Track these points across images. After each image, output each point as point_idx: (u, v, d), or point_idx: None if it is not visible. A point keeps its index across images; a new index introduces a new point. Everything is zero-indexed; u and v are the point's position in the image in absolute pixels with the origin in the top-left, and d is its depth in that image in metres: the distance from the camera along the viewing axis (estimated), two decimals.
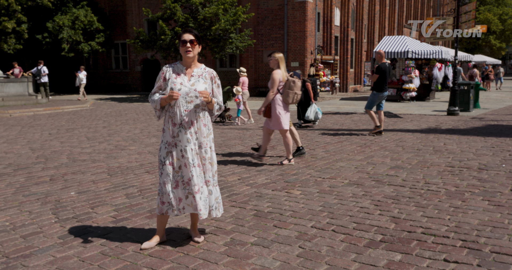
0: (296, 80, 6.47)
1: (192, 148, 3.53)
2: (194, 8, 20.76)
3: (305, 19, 22.43)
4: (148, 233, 3.92)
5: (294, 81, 6.45)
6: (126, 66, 29.06)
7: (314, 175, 6.06)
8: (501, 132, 9.97)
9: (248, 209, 4.60)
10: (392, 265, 3.25)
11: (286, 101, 6.51)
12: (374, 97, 9.58)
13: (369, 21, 30.88)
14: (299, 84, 6.52)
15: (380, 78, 9.41)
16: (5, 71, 21.94)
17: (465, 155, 7.37)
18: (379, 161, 6.96)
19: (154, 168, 6.67)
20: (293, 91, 6.45)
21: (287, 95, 6.45)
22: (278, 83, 6.48)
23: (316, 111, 11.07)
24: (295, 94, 6.47)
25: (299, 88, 6.53)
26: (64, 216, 4.44)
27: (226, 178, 5.93)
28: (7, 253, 3.54)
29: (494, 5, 56.75)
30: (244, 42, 20.98)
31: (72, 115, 15.26)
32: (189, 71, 3.60)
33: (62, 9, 25.03)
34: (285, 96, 6.47)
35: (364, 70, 30.10)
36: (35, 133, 10.58)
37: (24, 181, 5.96)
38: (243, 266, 3.27)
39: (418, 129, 10.72)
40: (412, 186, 5.44)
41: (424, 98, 20.62)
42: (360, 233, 3.87)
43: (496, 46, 54.35)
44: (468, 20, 14.16)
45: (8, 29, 22.21)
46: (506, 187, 5.32)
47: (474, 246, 3.56)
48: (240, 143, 8.91)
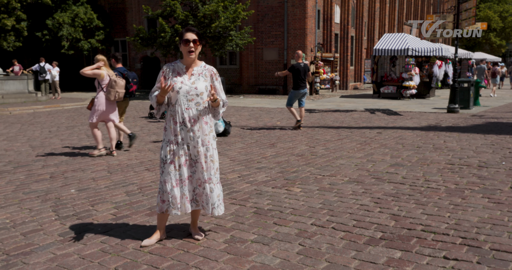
0: (117, 80, 7.23)
1: (193, 146, 3.53)
2: (194, 6, 20.73)
3: (305, 17, 22.40)
4: (148, 231, 3.92)
5: (115, 80, 7.21)
6: (126, 63, 29.01)
7: (314, 173, 6.07)
8: (501, 130, 9.97)
9: (248, 207, 4.60)
10: (392, 262, 3.25)
11: (108, 98, 7.24)
12: (292, 95, 10.38)
13: (369, 18, 30.83)
14: (122, 83, 7.30)
15: (294, 77, 10.22)
16: (4, 68, 21.93)
17: (465, 152, 7.37)
18: (379, 158, 6.96)
19: (154, 165, 6.67)
20: (115, 90, 7.22)
21: (109, 93, 7.21)
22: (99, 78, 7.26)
23: (216, 122, 8.80)
24: (117, 92, 7.24)
25: (121, 87, 7.30)
26: (64, 214, 4.44)
27: (226, 176, 5.93)
28: (8, 251, 3.55)
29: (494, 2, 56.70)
30: (244, 40, 20.95)
31: (72, 112, 15.25)
32: (189, 69, 3.59)
33: (62, 7, 24.99)
34: (107, 94, 7.23)
35: (364, 68, 30.13)
36: (35, 131, 10.58)
37: (24, 178, 5.97)
38: (243, 263, 3.27)
39: (418, 126, 10.72)
40: (412, 183, 5.44)
41: (424, 96, 20.62)
42: (360, 231, 3.88)
43: (496, 43, 54.32)
44: (468, 17, 14.14)
45: (7, 27, 22.19)
46: (506, 185, 5.32)
47: (474, 244, 3.56)
48: (240, 140, 8.92)
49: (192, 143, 3.53)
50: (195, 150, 3.53)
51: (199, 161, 3.54)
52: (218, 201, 3.65)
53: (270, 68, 23.84)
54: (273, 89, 23.81)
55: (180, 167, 3.53)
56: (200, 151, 3.54)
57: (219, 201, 3.66)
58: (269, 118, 12.64)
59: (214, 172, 3.62)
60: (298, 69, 10.15)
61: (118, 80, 7.23)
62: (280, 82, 23.45)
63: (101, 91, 7.26)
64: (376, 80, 20.89)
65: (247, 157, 7.24)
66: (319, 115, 13.68)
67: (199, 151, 3.54)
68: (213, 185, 3.61)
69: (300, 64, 10.24)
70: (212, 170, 3.61)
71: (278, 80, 23.60)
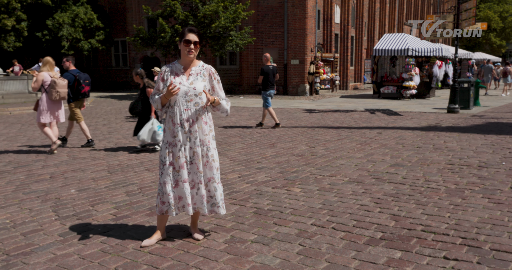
0: (57, 80, 7.53)
1: (191, 147, 3.53)
2: (194, 6, 20.73)
3: (305, 17, 22.39)
4: (148, 231, 3.92)
5: (55, 81, 7.51)
6: (126, 63, 29.02)
7: (314, 173, 6.07)
8: (501, 130, 9.97)
9: (248, 207, 4.60)
10: (392, 263, 3.25)
11: (50, 98, 7.62)
12: (265, 95, 10.85)
13: (369, 18, 30.83)
14: (62, 83, 7.62)
15: (264, 79, 10.79)
16: (5, 69, 21.93)
17: (465, 152, 7.37)
18: (379, 158, 6.96)
19: (154, 165, 6.67)
20: (55, 90, 7.55)
21: (51, 93, 7.58)
22: (41, 82, 7.62)
23: (154, 131, 7.60)
24: (57, 92, 7.58)
25: (62, 87, 7.62)
26: (64, 214, 4.44)
27: (226, 176, 5.93)
28: (8, 251, 3.55)
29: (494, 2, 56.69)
30: (244, 40, 20.95)
31: None
32: (187, 70, 3.59)
33: (62, 7, 24.99)
34: (49, 94, 7.60)
35: (364, 68, 30.13)
36: (35, 131, 10.58)
37: (24, 178, 5.97)
38: (243, 263, 3.27)
39: (418, 126, 10.72)
40: (412, 183, 5.44)
41: (424, 96, 20.62)
42: (360, 231, 3.88)
43: (496, 43, 54.31)
44: (469, 17, 14.14)
45: (7, 27, 22.18)
46: (506, 185, 5.32)
47: (474, 244, 3.56)
48: (240, 140, 8.92)
49: (189, 144, 3.53)
50: (191, 151, 3.54)
51: (194, 162, 3.54)
52: (221, 200, 3.66)
53: None
54: None
55: (180, 168, 3.53)
56: (197, 152, 3.54)
57: (221, 200, 3.66)
58: (269, 118, 12.65)
59: (215, 172, 3.62)
60: (267, 72, 10.77)
61: (58, 80, 7.55)
62: (280, 82, 23.44)
63: (44, 92, 7.67)
64: (376, 80, 20.90)
65: (247, 157, 7.24)
66: (319, 115, 13.68)
67: (195, 152, 3.54)
68: (216, 184, 3.62)
69: (269, 67, 10.85)
70: (214, 169, 3.61)
71: (278, 80, 23.60)
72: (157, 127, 7.62)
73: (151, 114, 7.79)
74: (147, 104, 7.88)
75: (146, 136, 7.54)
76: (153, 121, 7.65)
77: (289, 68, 23.14)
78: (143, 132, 7.54)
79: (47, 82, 7.64)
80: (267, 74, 10.81)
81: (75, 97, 8.17)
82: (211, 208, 3.65)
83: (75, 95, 8.15)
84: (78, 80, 8.07)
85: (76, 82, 8.06)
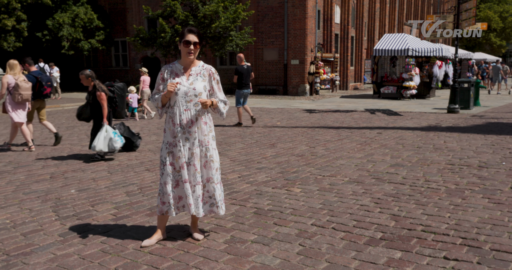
0: (21, 83, 7.76)
1: (190, 147, 3.53)
2: (194, 6, 20.72)
3: (305, 17, 22.38)
4: (149, 231, 3.92)
5: (18, 84, 7.75)
6: (126, 64, 29.02)
7: (314, 173, 6.07)
8: (501, 130, 9.97)
9: (248, 207, 4.60)
10: (392, 263, 3.25)
11: (13, 99, 7.83)
12: (237, 94, 11.13)
13: (370, 18, 30.82)
14: (26, 86, 7.82)
15: (239, 79, 10.99)
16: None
17: (465, 153, 7.37)
18: (379, 159, 6.96)
19: (154, 166, 6.67)
20: (18, 92, 7.77)
21: (14, 95, 7.81)
22: (7, 85, 7.80)
23: (110, 138, 6.89)
24: (20, 94, 7.79)
25: (25, 89, 7.82)
26: (65, 214, 4.44)
27: (226, 176, 5.93)
28: (8, 251, 3.55)
29: (494, 2, 56.68)
30: (244, 40, 20.94)
31: (72, 113, 15.23)
32: (187, 70, 3.59)
33: (62, 7, 24.98)
34: (13, 96, 7.82)
35: (364, 68, 30.13)
36: (35, 131, 10.57)
37: (24, 178, 5.97)
38: (243, 263, 3.27)
39: (418, 127, 10.72)
40: (412, 184, 5.44)
41: (424, 96, 20.61)
42: (360, 231, 3.88)
43: (496, 43, 54.30)
44: (469, 17, 14.14)
45: (7, 27, 22.17)
46: (506, 185, 5.32)
47: (474, 244, 3.56)
48: (240, 140, 8.92)
49: (188, 145, 3.53)
50: (189, 153, 3.54)
51: (192, 163, 3.54)
52: (221, 200, 3.66)
53: (270, 68, 23.83)
54: (273, 89, 23.81)
55: (180, 168, 3.53)
56: (196, 153, 3.54)
57: (221, 201, 3.66)
58: (269, 118, 12.64)
59: (214, 172, 3.62)
60: (241, 72, 10.96)
61: (21, 83, 7.80)
62: (280, 82, 23.45)
63: (9, 94, 7.89)
64: (376, 80, 20.89)
65: (247, 157, 7.24)
66: (319, 115, 13.68)
67: (193, 153, 3.54)
68: (215, 184, 3.62)
69: (243, 67, 11.03)
70: (213, 169, 3.61)
71: (278, 80, 23.61)
72: (113, 134, 6.92)
73: (103, 121, 6.96)
74: (97, 110, 7.00)
75: (102, 145, 6.81)
76: (106, 127, 6.90)
77: (289, 68, 23.14)
78: (98, 142, 6.80)
79: (12, 85, 7.83)
80: (241, 74, 10.95)
81: (35, 97, 8.29)
82: (210, 208, 3.65)
83: (36, 96, 8.28)
84: (40, 82, 8.21)
85: (38, 84, 8.19)
